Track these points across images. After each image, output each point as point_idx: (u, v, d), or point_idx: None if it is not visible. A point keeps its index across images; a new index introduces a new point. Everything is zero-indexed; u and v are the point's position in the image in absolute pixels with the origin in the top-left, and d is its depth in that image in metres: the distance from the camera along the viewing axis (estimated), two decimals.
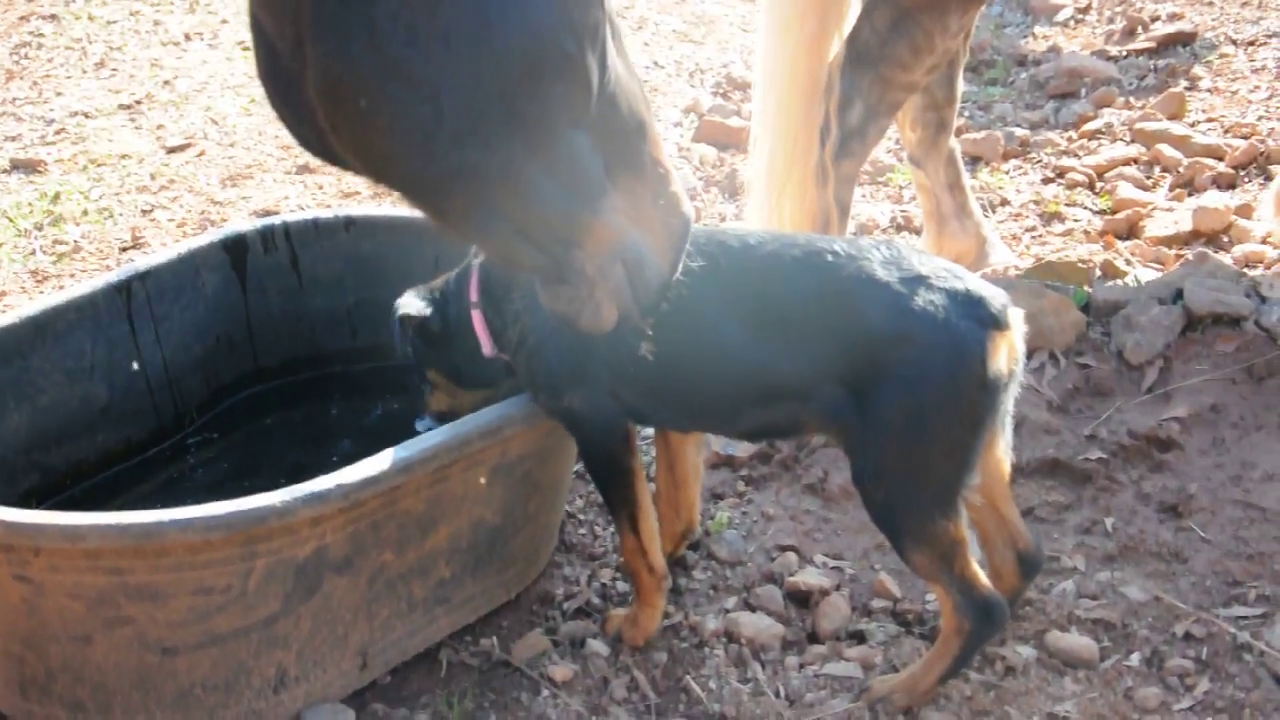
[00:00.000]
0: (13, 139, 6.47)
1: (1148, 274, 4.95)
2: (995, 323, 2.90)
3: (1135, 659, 3.27)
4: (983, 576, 3.06)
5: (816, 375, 2.97)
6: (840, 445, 3.12)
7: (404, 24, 2.25)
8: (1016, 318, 2.97)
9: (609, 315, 2.67)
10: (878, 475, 2.98)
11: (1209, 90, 6.71)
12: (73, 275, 5.23)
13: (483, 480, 3.20)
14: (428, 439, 3.04)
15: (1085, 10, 8.04)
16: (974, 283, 2.95)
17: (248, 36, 2.43)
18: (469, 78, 2.31)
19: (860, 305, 2.92)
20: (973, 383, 2.88)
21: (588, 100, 2.45)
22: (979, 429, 2.95)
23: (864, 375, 2.92)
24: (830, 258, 2.99)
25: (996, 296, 2.94)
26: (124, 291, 3.69)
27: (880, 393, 2.90)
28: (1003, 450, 3.15)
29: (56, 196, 5.85)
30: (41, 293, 5.08)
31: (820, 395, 2.98)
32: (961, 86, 5.01)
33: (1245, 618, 3.39)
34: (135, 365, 3.72)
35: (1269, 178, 5.63)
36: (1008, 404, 3.05)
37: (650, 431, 3.56)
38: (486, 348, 3.33)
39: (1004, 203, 5.85)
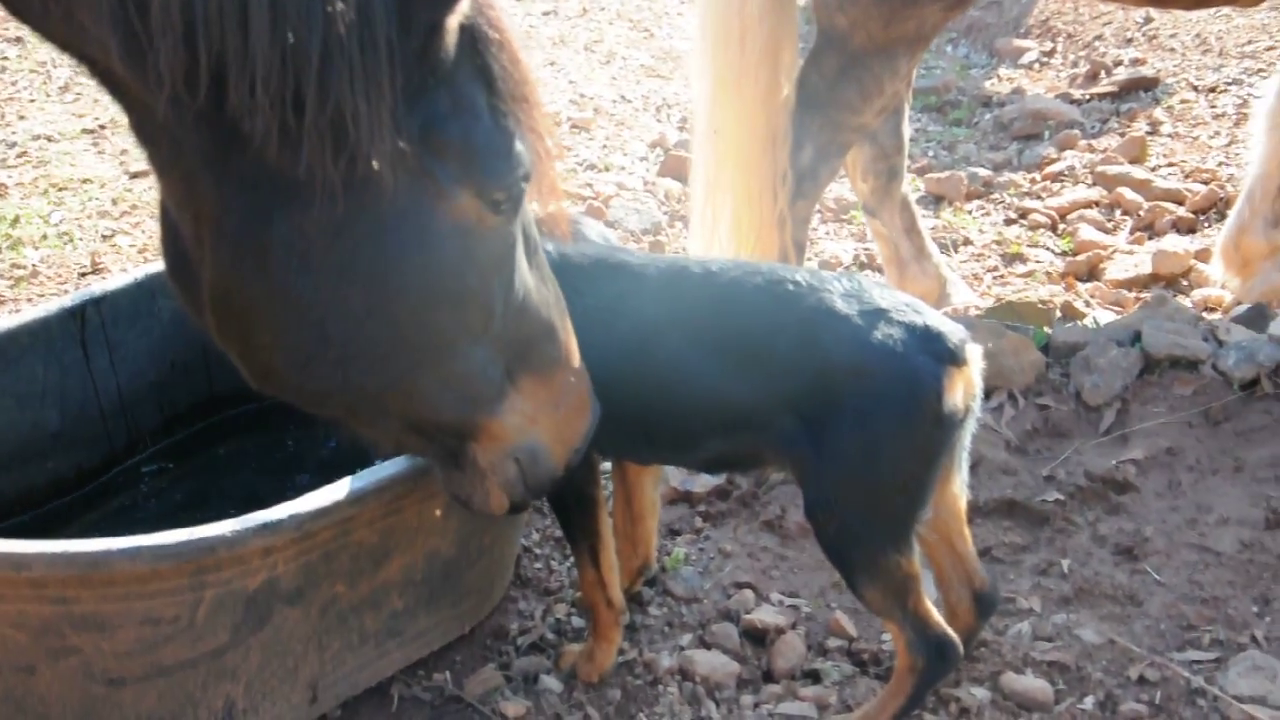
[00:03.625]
0: None
1: (1107, 316, 4.99)
2: (952, 358, 2.90)
3: (1089, 702, 3.26)
4: (936, 614, 3.05)
5: (774, 405, 2.95)
6: (795, 477, 3.11)
7: (298, 252, 2.30)
8: (975, 354, 2.97)
9: (498, 503, 2.78)
10: (830, 507, 2.96)
11: (1170, 135, 6.78)
12: (29, 300, 5.19)
13: (438, 512, 3.17)
14: (383, 470, 3.01)
15: (1050, 54, 8.14)
16: (933, 318, 2.95)
17: None
18: (359, 309, 2.37)
19: (819, 336, 2.91)
20: (927, 417, 2.88)
21: (489, 321, 2.52)
22: (932, 464, 2.95)
23: (820, 406, 2.91)
24: (791, 287, 2.98)
25: (955, 332, 2.94)
26: (78, 316, 3.66)
27: (835, 424, 2.90)
28: (958, 487, 3.15)
29: (16, 220, 5.80)
30: None
31: (777, 426, 2.97)
32: (909, 131, 5.05)
33: (1199, 662, 3.39)
34: (89, 391, 3.68)
35: None
36: (964, 440, 3.05)
37: (609, 466, 3.55)
38: None
39: (966, 242, 5.88)
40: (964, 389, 2.92)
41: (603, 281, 3.07)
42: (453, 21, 2.27)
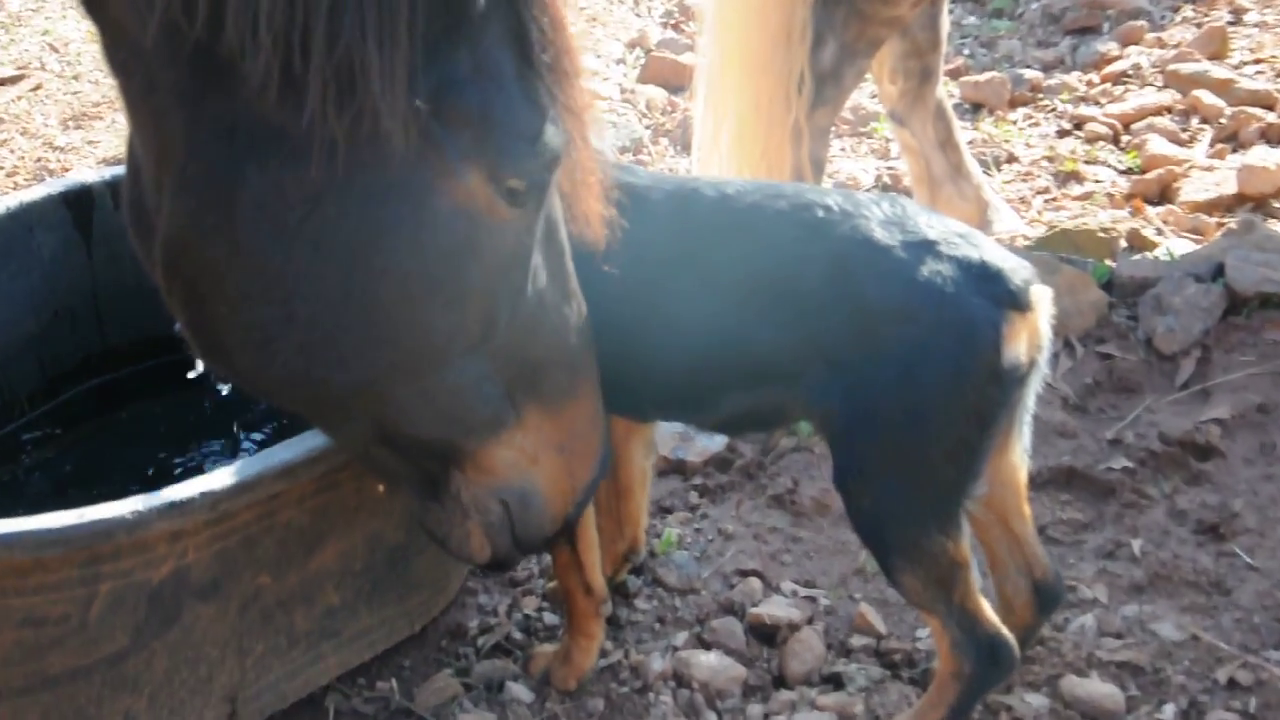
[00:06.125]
0: None
1: (1183, 246, 4.98)
2: (1014, 301, 2.87)
3: (1169, 711, 3.26)
4: (988, 609, 3.04)
5: (802, 352, 2.94)
6: (824, 438, 3.09)
7: (271, 215, 2.31)
8: (1042, 297, 2.94)
9: (479, 548, 2.81)
10: (864, 477, 2.95)
11: (1257, 25, 6.76)
12: None
13: (381, 488, 3.16)
14: (315, 437, 2.98)
15: None
16: (992, 252, 2.93)
17: None
18: (334, 291, 2.37)
19: (855, 272, 2.89)
20: (983, 371, 2.85)
21: (490, 328, 2.52)
22: (988, 428, 2.93)
23: (855, 355, 2.89)
24: (822, 212, 2.96)
25: (1019, 270, 2.91)
26: None
27: (873, 377, 2.88)
28: (1018, 456, 3.13)
29: None
30: None
31: (805, 376, 2.95)
32: (947, 26, 5.03)
33: None
34: None
35: None
36: (1027, 400, 3.02)
37: None
38: None
39: (1011, 159, 5.87)
40: (1028, 339, 2.89)
41: None
42: None
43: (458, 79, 2.31)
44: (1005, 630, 3.05)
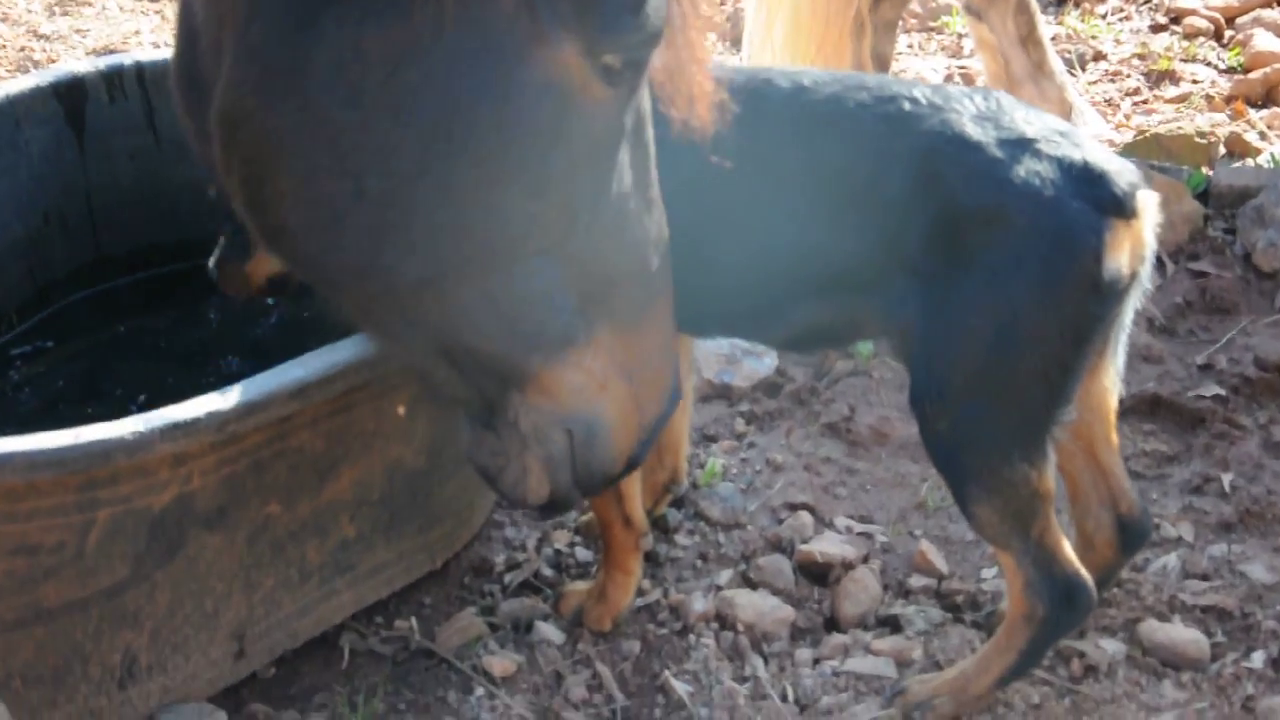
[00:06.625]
0: None
1: None
2: (1119, 207, 2.86)
3: (1258, 659, 3.30)
4: (1067, 547, 3.06)
5: (882, 259, 2.95)
6: (900, 355, 3.10)
7: (349, 78, 2.28)
8: (1149, 203, 2.93)
9: (536, 487, 2.76)
10: (943, 396, 2.95)
11: None
12: None
13: (401, 410, 3.20)
14: (330, 354, 3.01)
15: None
16: (1096, 152, 2.91)
17: None
18: (410, 164, 2.34)
19: (942, 170, 2.89)
20: (1083, 282, 2.85)
21: (569, 226, 2.49)
22: (1084, 346, 2.93)
23: (941, 262, 2.89)
24: (908, 106, 2.95)
25: (1124, 172, 2.89)
26: None
27: (959, 286, 2.88)
28: (1110, 380, 3.14)
29: None
30: None
31: (884, 286, 2.97)
32: None
33: None
34: None
35: None
36: (1125, 317, 3.03)
37: None
38: None
39: (1099, 57, 5.84)
40: (1131, 249, 2.89)
41: None
42: None
43: None
44: (1083, 570, 3.07)
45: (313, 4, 2.25)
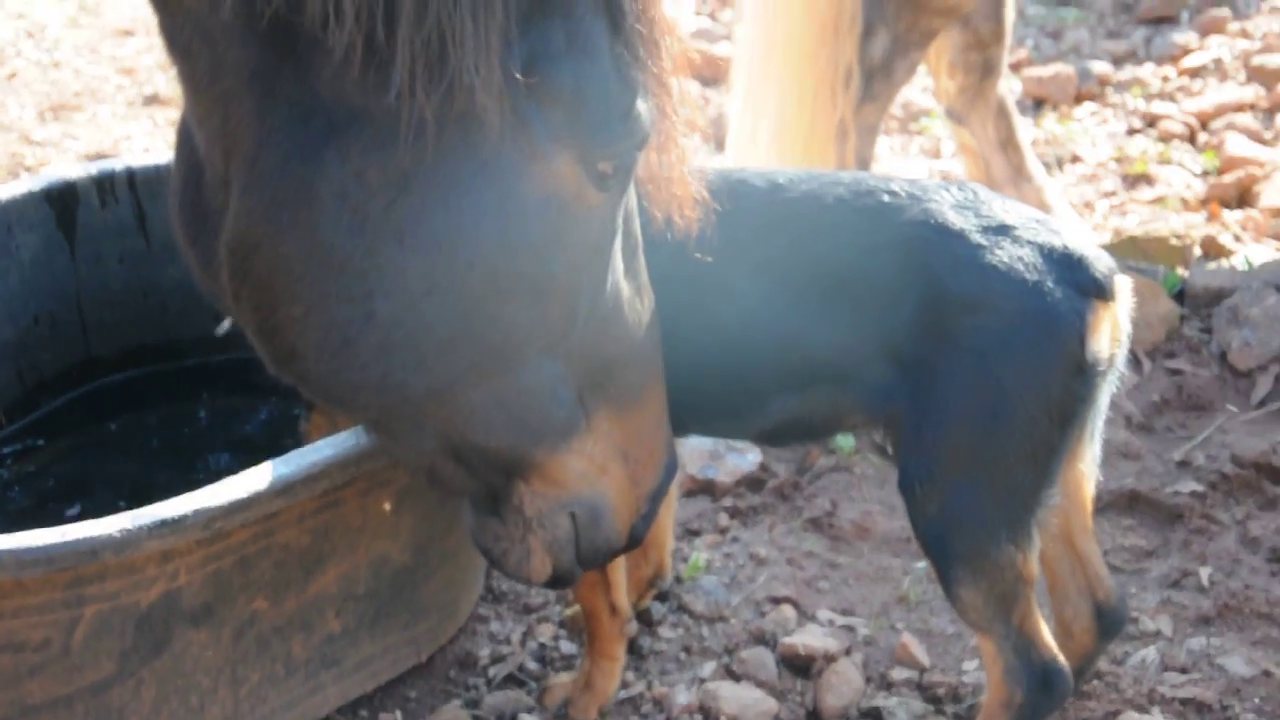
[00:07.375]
0: None
1: (1263, 254, 4.98)
2: (1099, 290, 2.90)
3: None
4: (1047, 633, 3.07)
5: (866, 349, 2.97)
6: (890, 443, 3.13)
7: (352, 206, 2.34)
8: (1124, 287, 2.98)
9: (540, 567, 2.82)
10: (933, 480, 2.96)
11: None
12: None
13: (387, 506, 3.21)
14: (316, 452, 3.02)
15: None
16: (1074, 239, 2.95)
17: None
18: (418, 285, 2.40)
19: (926, 259, 2.92)
20: (1068, 363, 2.88)
21: (567, 327, 2.56)
22: (1069, 427, 2.95)
23: (926, 349, 2.92)
24: (887, 198, 3.00)
25: (1100, 258, 2.94)
26: None
27: (945, 372, 2.91)
28: (1087, 464, 3.16)
29: None
30: None
31: (868, 376, 2.99)
32: (1013, 16, 5.03)
33: None
34: None
35: None
36: (1102, 401, 3.05)
37: None
38: None
39: (1075, 160, 5.90)
40: (1110, 331, 2.93)
41: None
42: None
43: (552, 52, 2.33)
44: (1061, 657, 3.08)
45: (316, 137, 2.31)
